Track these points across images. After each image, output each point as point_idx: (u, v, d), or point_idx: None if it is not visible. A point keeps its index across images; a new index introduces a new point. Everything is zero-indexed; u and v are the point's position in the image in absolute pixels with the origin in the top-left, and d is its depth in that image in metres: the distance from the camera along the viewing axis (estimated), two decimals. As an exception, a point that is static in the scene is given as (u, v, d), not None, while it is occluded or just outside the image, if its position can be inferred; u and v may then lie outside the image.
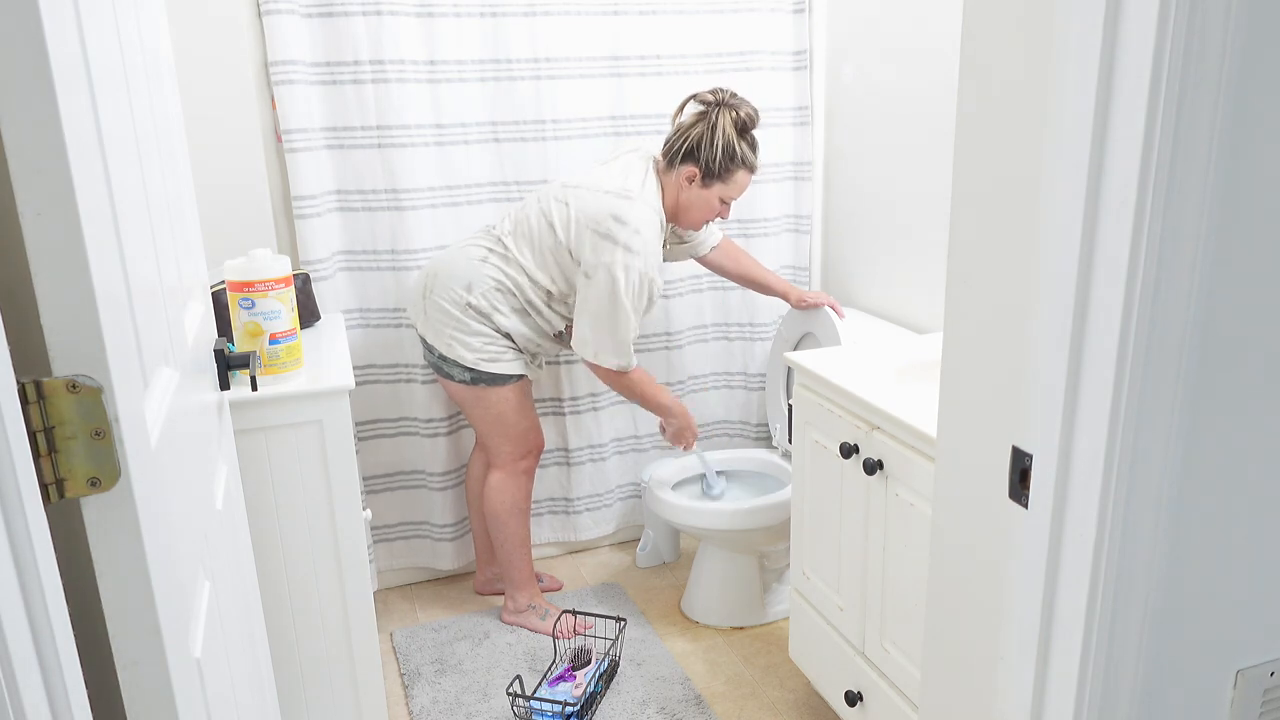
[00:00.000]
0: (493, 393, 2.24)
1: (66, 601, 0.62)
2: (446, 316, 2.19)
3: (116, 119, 0.85)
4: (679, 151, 2.16)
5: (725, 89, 2.19)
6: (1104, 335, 0.82)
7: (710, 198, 2.19)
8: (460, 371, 2.22)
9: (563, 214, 2.16)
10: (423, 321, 2.24)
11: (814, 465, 1.87)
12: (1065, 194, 0.83)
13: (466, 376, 2.22)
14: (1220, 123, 0.77)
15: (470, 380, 2.22)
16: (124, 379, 0.74)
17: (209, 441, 1.17)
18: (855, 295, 2.66)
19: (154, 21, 1.16)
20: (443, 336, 2.20)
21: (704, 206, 2.21)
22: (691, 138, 2.15)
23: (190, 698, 0.84)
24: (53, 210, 0.66)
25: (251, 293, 1.70)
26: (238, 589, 1.24)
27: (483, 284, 2.17)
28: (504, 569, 2.41)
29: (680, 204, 2.21)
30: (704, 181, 2.17)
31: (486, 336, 2.20)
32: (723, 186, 2.19)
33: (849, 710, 1.84)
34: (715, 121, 2.14)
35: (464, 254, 2.20)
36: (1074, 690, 0.91)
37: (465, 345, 2.19)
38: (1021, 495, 0.95)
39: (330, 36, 2.25)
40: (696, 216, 2.23)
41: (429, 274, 2.23)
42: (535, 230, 2.18)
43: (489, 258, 2.19)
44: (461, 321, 2.18)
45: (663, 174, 2.22)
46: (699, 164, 2.15)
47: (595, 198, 2.14)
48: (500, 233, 2.23)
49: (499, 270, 2.18)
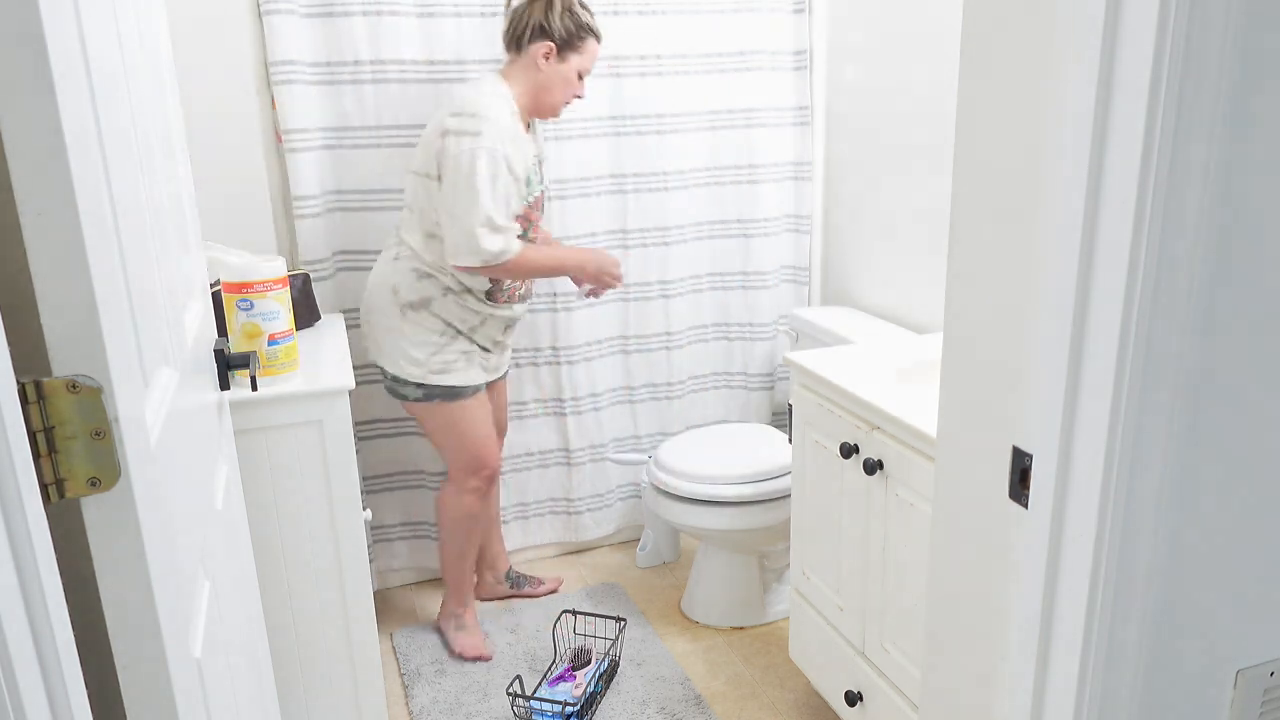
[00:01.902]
0: (446, 408, 2.19)
1: (66, 601, 0.62)
2: (388, 331, 2.14)
3: (116, 119, 0.85)
4: (525, 32, 2.08)
5: None
6: (1104, 335, 0.82)
7: (568, 72, 2.12)
8: (412, 389, 2.16)
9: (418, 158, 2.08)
10: (373, 347, 2.19)
11: (814, 465, 1.87)
12: (1065, 194, 0.83)
13: (419, 393, 2.16)
14: (1220, 123, 0.77)
15: (423, 396, 2.17)
16: (124, 379, 0.73)
17: (209, 441, 1.17)
18: (855, 295, 2.66)
19: (154, 21, 1.16)
20: (392, 356, 2.14)
21: (563, 83, 2.12)
22: (535, 15, 2.08)
23: (190, 698, 0.84)
24: (53, 210, 0.66)
25: (250, 293, 1.70)
26: (238, 589, 1.24)
27: (404, 279, 2.11)
28: (441, 571, 2.39)
29: (539, 86, 2.12)
30: (560, 55, 2.10)
31: (432, 345, 2.13)
32: (578, 58, 2.12)
33: (849, 710, 1.84)
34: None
35: (379, 266, 2.18)
36: (1074, 690, 0.91)
37: (411, 360, 2.13)
38: (1021, 495, 0.95)
39: (330, 36, 2.25)
40: (558, 96, 2.14)
41: (364, 299, 2.20)
42: (412, 198, 2.11)
43: (399, 254, 2.13)
44: (403, 331, 2.12)
45: (510, 68, 2.13)
46: (552, 37, 2.08)
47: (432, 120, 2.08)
48: (395, 232, 2.19)
49: (409, 261, 2.11)
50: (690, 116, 2.61)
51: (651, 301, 2.69)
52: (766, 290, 2.78)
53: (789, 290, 2.84)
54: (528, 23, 2.08)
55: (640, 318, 2.69)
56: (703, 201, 2.70)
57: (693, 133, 2.62)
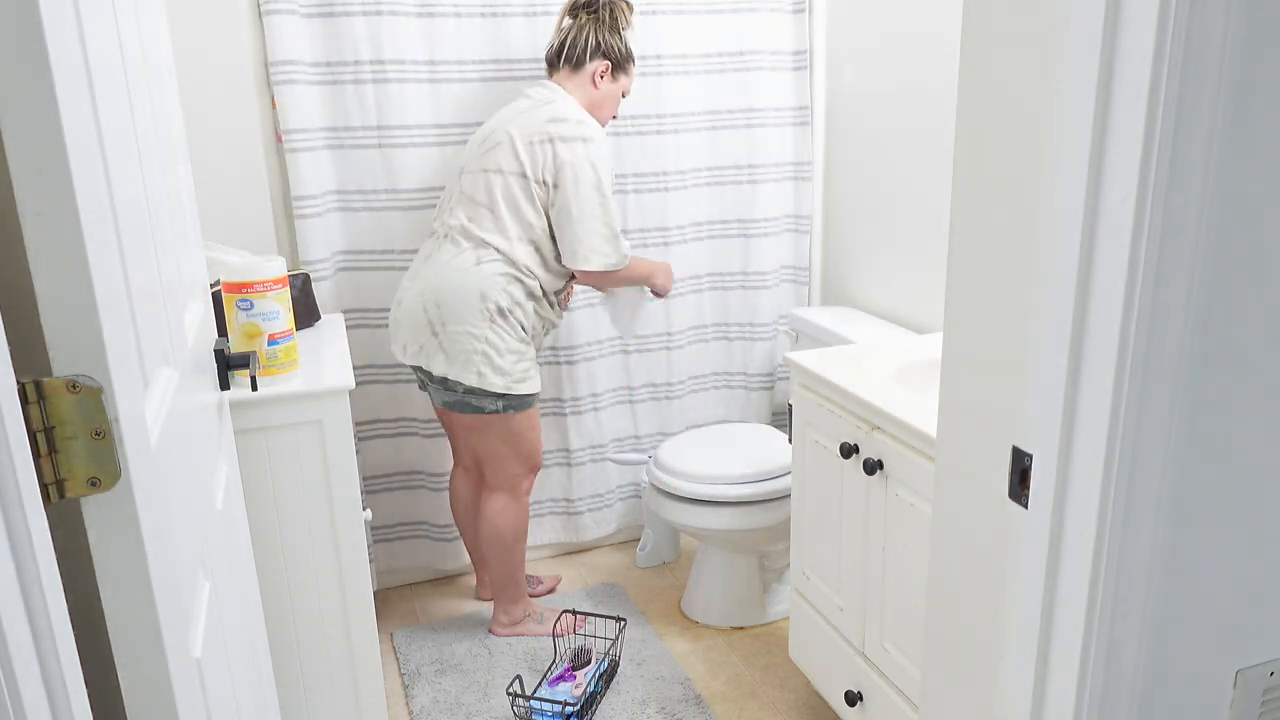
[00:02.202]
0: (519, 417, 2.17)
1: (66, 601, 0.62)
2: (474, 341, 2.06)
3: (116, 119, 0.85)
4: (584, 50, 2.15)
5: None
6: (1104, 335, 0.82)
7: (617, 91, 2.22)
8: (491, 401, 2.10)
9: (510, 159, 2.07)
10: (441, 359, 2.08)
11: (814, 465, 1.87)
12: (1065, 193, 0.83)
13: (498, 405, 2.11)
14: (1220, 123, 0.77)
15: (503, 407, 2.12)
16: (124, 379, 0.73)
17: (209, 441, 1.17)
18: (855, 295, 2.66)
19: (154, 21, 1.16)
20: (470, 367, 2.07)
21: (613, 101, 2.23)
22: (593, 34, 2.15)
23: (190, 698, 0.84)
24: (53, 210, 0.66)
25: (250, 293, 1.70)
26: (238, 589, 1.24)
27: (492, 284, 2.06)
28: (499, 587, 2.37)
29: (593, 103, 2.20)
30: (613, 74, 2.19)
31: (516, 352, 2.10)
32: (626, 79, 2.23)
33: (849, 710, 1.84)
34: (612, 16, 2.17)
35: (452, 272, 2.07)
36: (1074, 690, 0.91)
37: (497, 370, 2.08)
38: (1021, 495, 0.95)
39: (330, 36, 2.25)
40: (607, 113, 2.24)
41: (429, 306, 2.07)
42: (493, 199, 2.08)
43: (480, 259, 2.07)
44: (489, 339, 2.06)
45: (566, 83, 2.18)
46: (611, 56, 2.17)
47: (521, 121, 2.08)
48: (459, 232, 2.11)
49: (496, 265, 2.07)
50: (690, 116, 2.61)
51: (651, 301, 2.69)
52: (766, 290, 2.78)
53: (789, 290, 2.85)
54: (587, 41, 2.16)
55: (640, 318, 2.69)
56: (703, 201, 2.70)
57: (693, 133, 2.62)
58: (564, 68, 2.19)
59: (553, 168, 2.06)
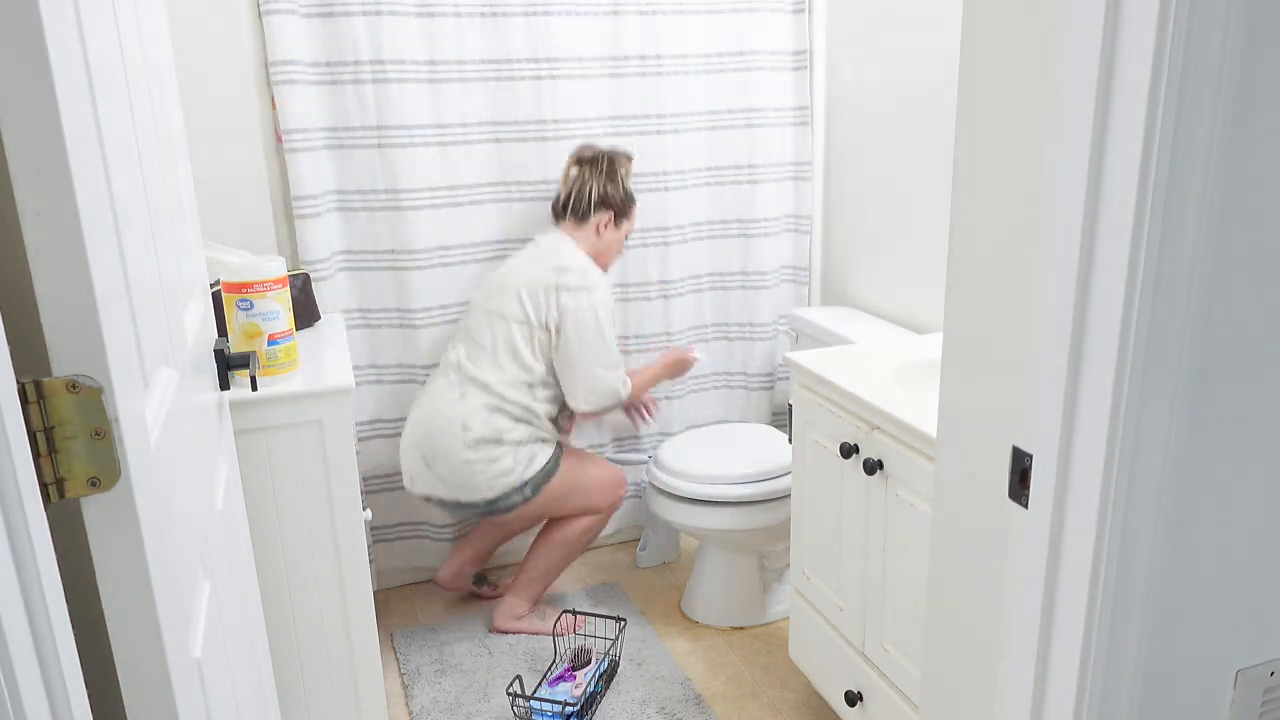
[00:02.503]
0: (554, 484, 2.22)
1: (66, 601, 0.62)
2: (467, 467, 2.14)
3: (116, 119, 0.85)
4: (589, 205, 2.30)
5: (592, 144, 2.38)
6: (1104, 335, 0.82)
7: (620, 237, 2.37)
8: (517, 495, 2.18)
9: (514, 306, 2.19)
10: (444, 488, 2.18)
11: (814, 465, 1.87)
12: (1065, 194, 0.83)
13: (526, 493, 2.18)
14: (1220, 122, 0.77)
15: (532, 493, 2.19)
16: (124, 379, 0.73)
17: (209, 441, 1.17)
18: (855, 295, 2.66)
19: (154, 21, 1.16)
20: (478, 485, 2.15)
21: (617, 245, 2.37)
22: (596, 188, 2.30)
23: (190, 698, 0.84)
24: (53, 210, 0.66)
25: (250, 293, 1.70)
26: (238, 589, 1.24)
27: (475, 416, 2.15)
28: (527, 584, 2.39)
29: (597, 250, 2.33)
30: (616, 222, 2.33)
31: (511, 454, 2.17)
32: (627, 223, 2.37)
33: (849, 710, 1.84)
34: (612, 168, 2.32)
35: (438, 403, 2.18)
36: (1074, 690, 0.91)
37: (501, 473, 2.15)
38: (1021, 495, 0.95)
39: (330, 36, 2.25)
40: (612, 258, 2.38)
41: (420, 439, 2.19)
42: (495, 340, 2.19)
43: (465, 392, 2.17)
44: (482, 460, 2.14)
45: (574, 231, 2.32)
46: (613, 206, 2.31)
47: (530, 270, 2.21)
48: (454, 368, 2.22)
49: (480, 397, 2.16)
50: (690, 116, 2.61)
51: (651, 302, 2.69)
52: (766, 290, 2.78)
53: (789, 290, 2.84)
54: (590, 194, 2.30)
55: (640, 318, 2.69)
56: (703, 201, 2.70)
57: (693, 133, 2.62)
58: (570, 218, 2.33)
59: (556, 315, 2.19)
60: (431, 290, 2.45)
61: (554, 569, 2.38)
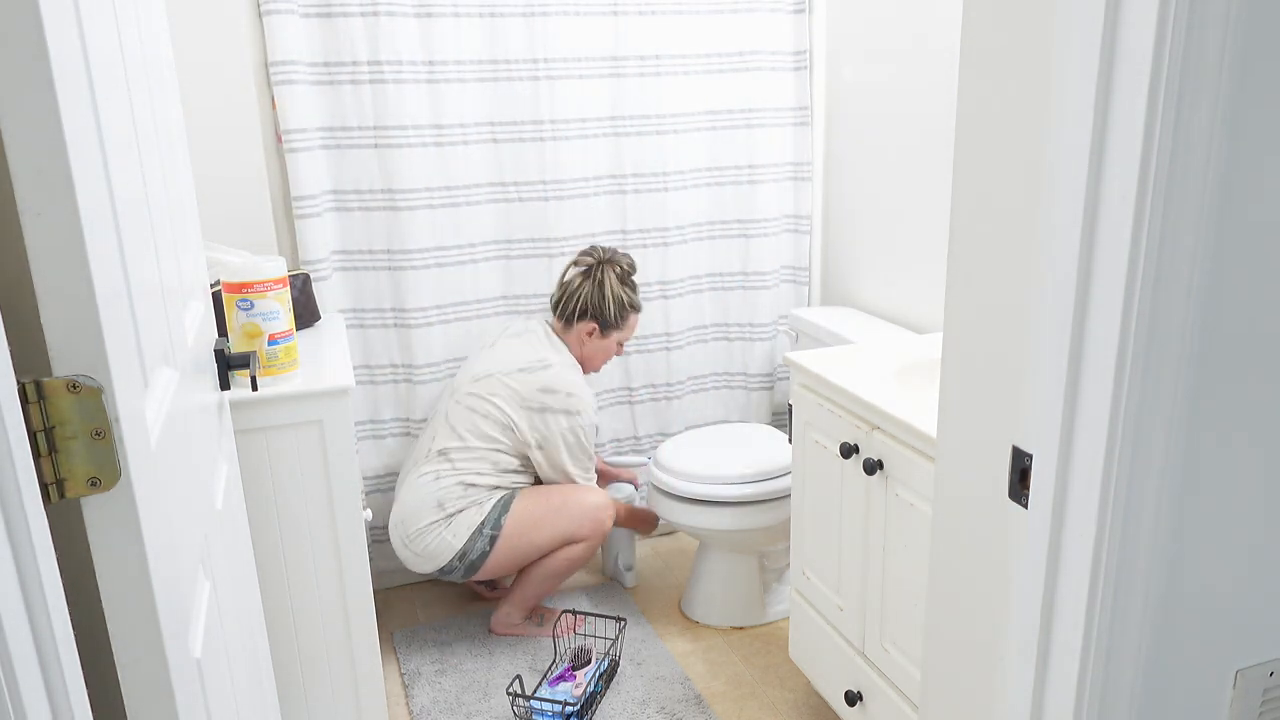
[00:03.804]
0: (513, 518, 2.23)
1: (66, 601, 0.62)
2: (432, 536, 2.21)
3: (116, 119, 0.85)
4: (574, 312, 2.32)
5: (600, 247, 2.36)
6: (1104, 335, 0.82)
7: (610, 345, 2.39)
8: (483, 540, 2.21)
9: (497, 413, 2.24)
10: (423, 562, 2.24)
11: (814, 465, 1.87)
12: (1065, 193, 0.83)
13: (490, 534, 2.21)
14: (1220, 122, 0.77)
15: (493, 530, 2.22)
16: (124, 379, 0.73)
17: (209, 441, 1.17)
18: (855, 295, 2.66)
19: (154, 21, 1.16)
20: (448, 544, 2.20)
21: (605, 352, 2.40)
22: (582, 298, 2.31)
23: (190, 698, 0.84)
24: (53, 210, 0.66)
25: (250, 293, 1.70)
26: (238, 589, 1.24)
27: (450, 494, 2.21)
28: (521, 600, 2.38)
29: (585, 355, 2.37)
30: (603, 333, 2.35)
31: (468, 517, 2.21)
32: (618, 332, 2.38)
33: (849, 710, 1.84)
34: (601, 279, 2.31)
35: (416, 489, 2.23)
36: (1074, 690, 0.91)
37: (468, 527, 2.20)
38: (1021, 495, 0.95)
39: (329, 36, 2.25)
40: (599, 362, 2.41)
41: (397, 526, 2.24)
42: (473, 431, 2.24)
43: (439, 473, 2.22)
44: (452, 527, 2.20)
45: (562, 333, 2.36)
46: (597, 320, 2.33)
47: (517, 380, 2.24)
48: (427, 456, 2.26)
49: (454, 477, 2.22)
50: (690, 116, 2.61)
51: (651, 302, 2.69)
52: (766, 290, 2.78)
53: (789, 290, 2.85)
54: (578, 302, 2.32)
55: (640, 318, 2.69)
56: (703, 202, 2.70)
57: (693, 133, 2.62)
58: (559, 320, 2.37)
59: (540, 434, 2.25)
60: (428, 291, 2.45)
61: (546, 588, 2.37)
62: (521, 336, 2.35)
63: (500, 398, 2.24)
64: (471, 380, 2.28)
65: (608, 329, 2.34)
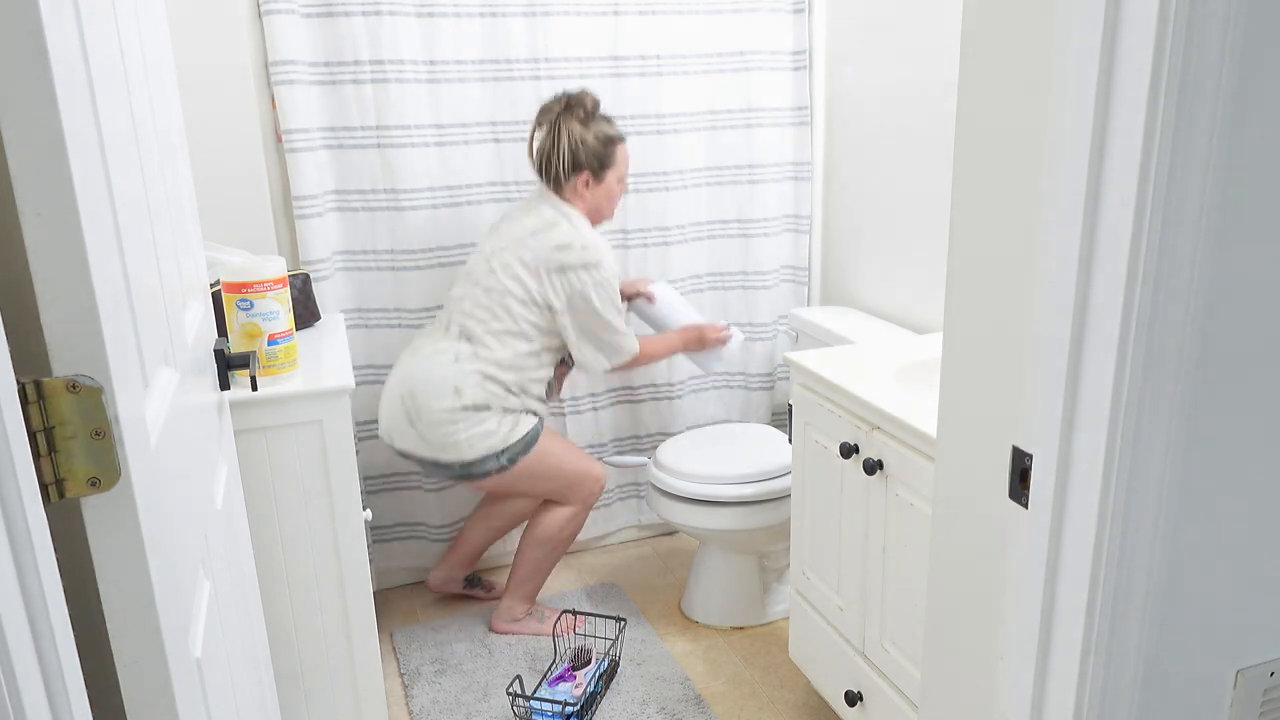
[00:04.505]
0: (531, 458, 2.19)
1: (66, 601, 0.62)
2: (449, 427, 2.11)
3: (116, 119, 0.85)
4: (559, 171, 2.21)
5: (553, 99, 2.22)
6: (1104, 335, 0.82)
7: (611, 186, 2.26)
8: (493, 462, 2.14)
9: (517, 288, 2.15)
10: (425, 447, 2.14)
11: (814, 465, 1.87)
12: (1065, 194, 0.83)
13: (501, 461, 2.15)
14: (1220, 122, 0.77)
15: (508, 461, 2.16)
16: (124, 379, 0.73)
17: (209, 441, 1.17)
18: (855, 295, 2.66)
19: (154, 21, 1.16)
20: (458, 446, 2.12)
21: (609, 195, 2.27)
22: (560, 154, 2.20)
23: (190, 698, 0.84)
24: (53, 210, 0.66)
25: (250, 293, 1.70)
26: (238, 589, 1.24)
27: (469, 381, 2.12)
28: (518, 583, 2.38)
29: (591, 206, 2.26)
30: (597, 178, 2.23)
31: (497, 419, 2.14)
32: (613, 170, 2.25)
33: (849, 710, 1.84)
34: (568, 129, 2.19)
35: (431, 364, 2.14)
36: (1074, 690, 0.91)
37: (487, 433, 2.12)
38: (1021, 495, 0.95)
39: (330, 36, 2.25)
40: (609, 207, 2.29)
41: (404, 395, 2.14)
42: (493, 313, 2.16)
43: (459, 355, 2.14)
44: (467, 426, 2.12)
45: (561, 195, 2.25)
46: (586, 167, 2.21)
47: (531, 245, 2.16)
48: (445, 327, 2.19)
49: (473, 364, 2.13)
50: (690, 116, 2.61)
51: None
52: (766, 290, 2.78)
53: (789, 290, 2.85)
54: (559, 160, 2.20)
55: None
56: (703, 201, 2.70)
57: (693, 133, 2.62)
58: (550, 185, 2.25)
59: (562, 296, 2.16)
60: (429, 291, 2.45)
61: (542, 566, 2.36)
62: (524, 209, 2.26)
63: (518, 268, 2.15)
64: (485, 260, 2.20)
65: (600, 171, 2.23)
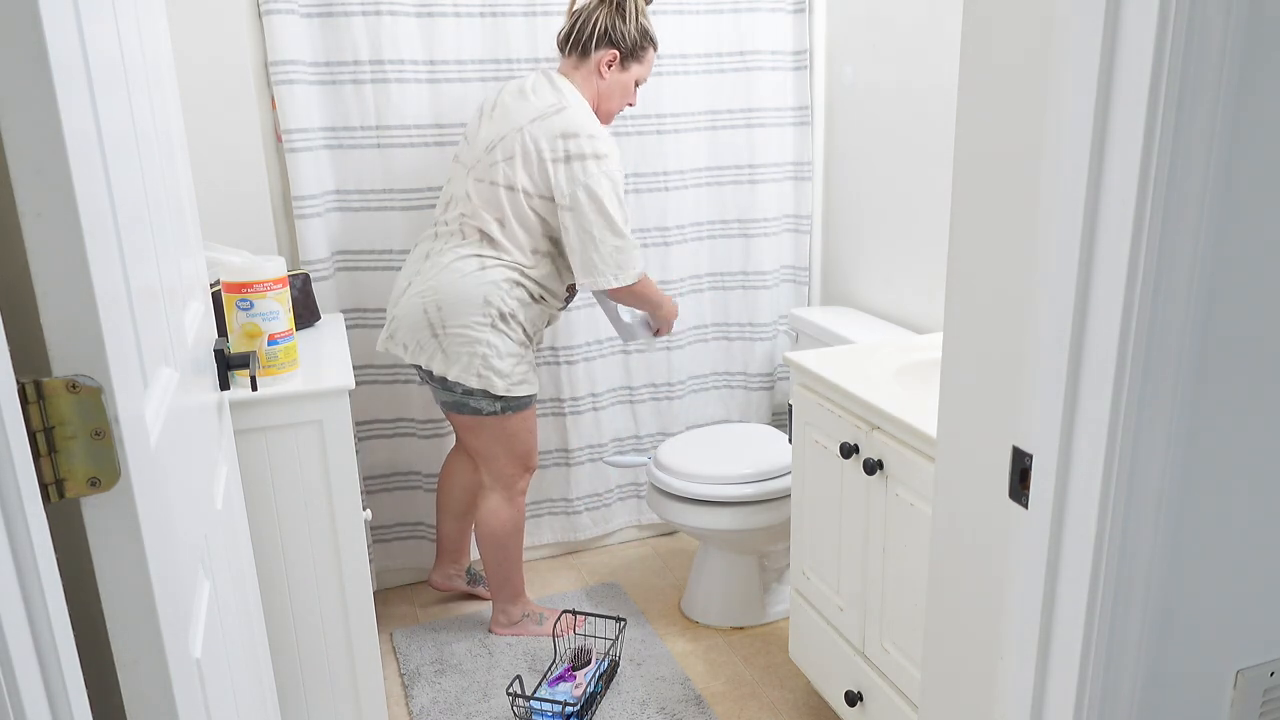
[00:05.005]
0: (516, 419, 2.16)
1: (66, 601, 0.62)
2: (475, 345, 2.04)
3: (116, 119, 0.85)
4: (591, 37, 2.07)
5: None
6: (1104, 335, 0.82)
7: (628, 81, 2.15)
8: (488, 403, 2.10)
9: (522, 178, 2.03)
10: (440, 360, 2.06)
11: (814, 465, 1.87)
12: (1065, 194, 0.83)
13: (496, 407, 2.11)
14: (1220, 123, 0.77)
15: (500, 409, 2.12)
16: (124, 379, 0.73)
17: (209, 441, 1.17)
18: (855, 295, 2.66)
19: (154, 21, 1.16)
20: (471, 369, 2.05)
21: (622, 92, 2.16)
22: (600, 21, 2.06)
23: (190, 698, 0.84)
24: (53, 210, 0.66)
25: (250, 293, 1.70)
26: (238, 589, 1.24)
27: (496, 290, 2.04)
28: (496, 586, 2.37)
29: (600, 94, 2.13)
30: (623, 64, 2.11)
31: (515, 355, 2.09)
32: (639, 67, 2.14)
33: (849, 710, 1.84)
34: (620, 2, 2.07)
35: (455, 270, 2.04)
36: (1074, 690, 0.91)
37: (497, 372, 2.06)
38: (1021, 495, 0.95)
39: (330, 36, 2.25)
40: (616, 104, 2.17)
41: (429, 307, 2.04)
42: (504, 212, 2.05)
43: (485, 263, 2.05)
44: (491, 343, 2.05)
45: (572, 72, 2.12)
46: (618, 45, 2.08)
47: (533, 131, 2.02)
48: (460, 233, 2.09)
49: (501, 270, 2.05)
50: (690, 116, 2.61)
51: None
52: (766, 290, 2.78)
53: (789, 290, 2.85)
54: (595, 28, 2.07)
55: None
56: (703, 201, 2.70)
57: (693, 133, 2.62)
58: (571, 55, 2.12)
59: (567, 190, 2.02)
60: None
61: (504, 562, 2.31)
62: (524, 89, 2.10)
63: (518, 165, 2.02)
64: (485, 150, 2.06)
65: (628, 59, 2.09)
